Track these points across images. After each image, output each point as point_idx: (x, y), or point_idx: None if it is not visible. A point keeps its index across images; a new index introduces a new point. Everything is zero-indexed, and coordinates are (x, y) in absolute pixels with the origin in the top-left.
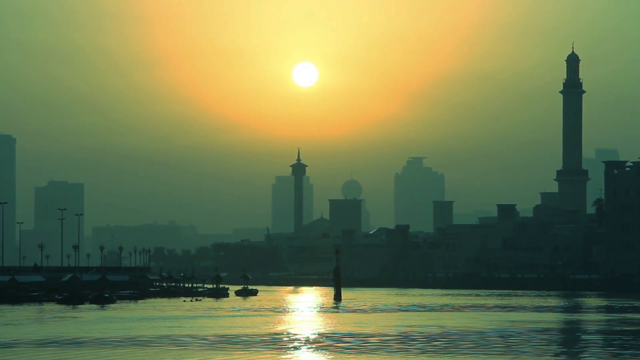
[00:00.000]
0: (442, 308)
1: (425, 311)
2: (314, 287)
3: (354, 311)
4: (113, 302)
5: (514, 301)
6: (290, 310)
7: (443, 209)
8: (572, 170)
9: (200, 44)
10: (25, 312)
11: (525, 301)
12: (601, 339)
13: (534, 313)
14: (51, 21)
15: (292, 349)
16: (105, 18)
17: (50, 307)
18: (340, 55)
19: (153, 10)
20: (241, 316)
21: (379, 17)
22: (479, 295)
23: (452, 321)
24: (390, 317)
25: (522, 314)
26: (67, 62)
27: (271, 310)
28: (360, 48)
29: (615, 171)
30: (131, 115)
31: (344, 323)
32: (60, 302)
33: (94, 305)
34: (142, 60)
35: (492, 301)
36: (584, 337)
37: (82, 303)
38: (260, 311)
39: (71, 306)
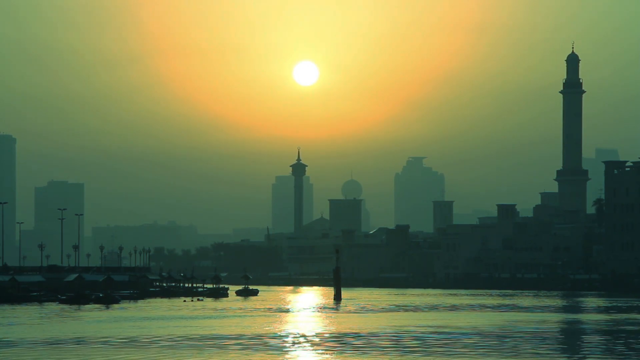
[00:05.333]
0: (441, 308)
1: (424, 311)
2: (314, 287)
3: (353, 311)
4: (117, 302)
5: (514, 301)
6: (290, 310)
7: (443, 209)
8: (572, 170)
9: (201, 43)
10: (36, 312)
11: (525, 301)
12: (601, 339)
13: (534, 313)
14: (51, 22)
15: (292, 349)
16: (105, 19)
17: (55, 307)
18: (340, 55)
19: (153, 11)
20: (241, 316)
21: (380, 16)
22: (479, 295)
23: (452, 321)
24: (390, 317)
25: (522, 314)
26: (66, 62)
27: (271, 310)
28: (361, 48)
29: (615, 171)
30: (131, 116)
31: (344, 323)
32: (64, 302)
33: (98, 305)
34: (142, 61)
35: (492, 301)
36: (584, 337)
37: (87, 303)
38: (260, 311)
39: (76, 306)
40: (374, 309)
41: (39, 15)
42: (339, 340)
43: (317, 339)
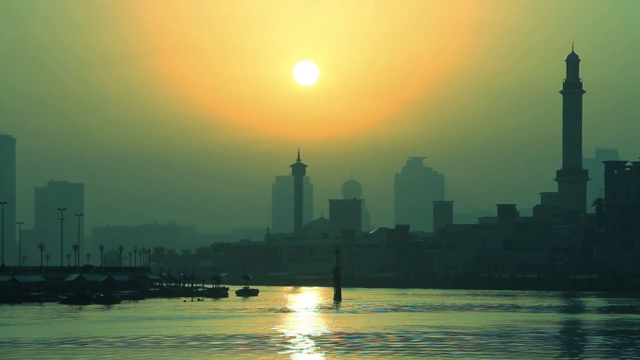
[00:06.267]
0: (441, 308)
1: (424, 311)
2: (314, 287)
3: (353, 311)
4: (118, 302)
5: (514, 301)
6: (290, 310)
7: (443, 209)
8: (572, 170)
9: (201, 43)
10: (37, 312)
11: (525, 301)
12: (601, 339)
13: (534, 313)
14: (51, 22)
15: (292, 349)
16: (105, 19)
17: (57, 307)
18: (340, 55)
19: (152, 10)
20: (242, 316)
21: (380, 17)
22: (479, 295)
23: (452, 321)
24: (390, 317)
25: (522, 314)
26: (66, 62)
27: (271, 310)
28: (361, 48)
29: (615, 171)
30: (130, 116)
31: (344, 323)
32: (64, 302)
33: (99, 305)
34: (141, 61)
35: (492, 301)
36: (584, 337)
37: (88, 303)
38: (261, 311)
39: (77, 306)
40: (374, 309)
41: (39, 16)
42: (339, 340)
43: (317, 339)
